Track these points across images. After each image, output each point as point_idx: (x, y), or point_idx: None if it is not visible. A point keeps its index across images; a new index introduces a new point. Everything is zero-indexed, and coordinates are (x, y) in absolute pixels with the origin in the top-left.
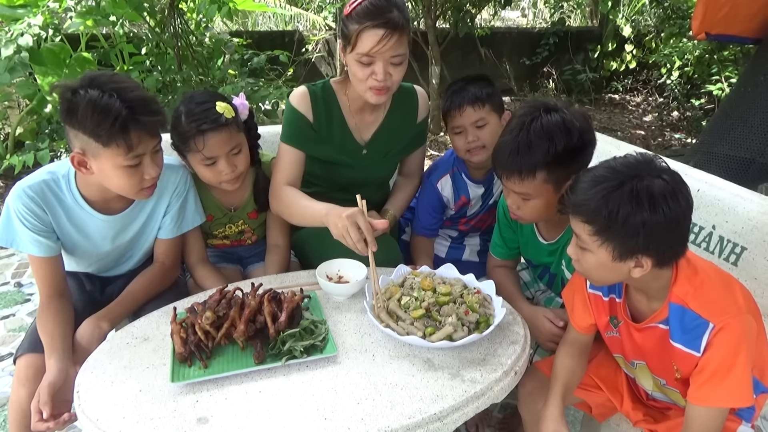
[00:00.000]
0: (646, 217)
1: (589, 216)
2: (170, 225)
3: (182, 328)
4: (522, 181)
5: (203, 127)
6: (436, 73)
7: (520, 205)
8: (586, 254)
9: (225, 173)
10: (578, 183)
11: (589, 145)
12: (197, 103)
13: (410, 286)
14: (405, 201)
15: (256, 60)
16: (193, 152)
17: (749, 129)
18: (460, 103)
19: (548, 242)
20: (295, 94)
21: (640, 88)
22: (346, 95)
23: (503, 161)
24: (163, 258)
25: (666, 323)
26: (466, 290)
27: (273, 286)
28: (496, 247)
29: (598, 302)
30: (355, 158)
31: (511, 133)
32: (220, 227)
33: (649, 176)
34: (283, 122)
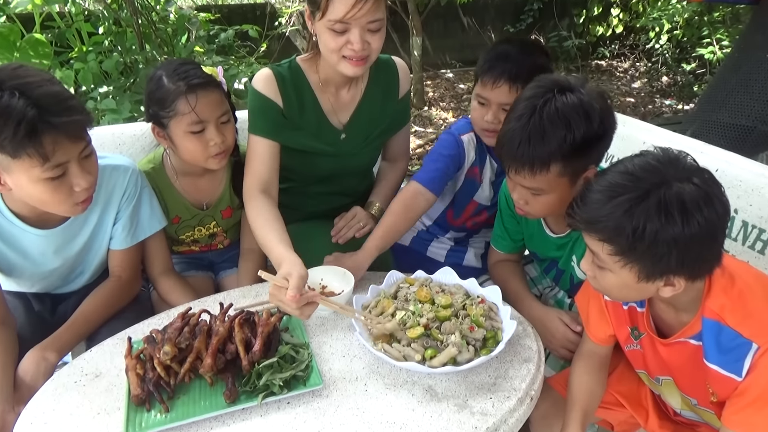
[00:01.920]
0: (678, 232)
1: (609, 235)
2: (123, 234)
3: (139, 362)
4: (533, 174)
5: (194, 82)
6: (417, 44)
7: (528, 200)
8: (604, 273)
9: (214, 143)
10: (590, 193)
11: (610, 130)
12: (180, 64)
13: (405, 297)
14: (391, 190)
15: (224, 36)
16: (179, 116)
17: (750, 95)
18: (499, 75)
19: (557, 235)
20: (259, 78)
21: (627, 54)
22: (317, 73)
23: (511, 152)
24: (119, 271)
25: (698, 339)
26: (468, 300)
27: (248, 301)
28: (499, 240)
29: (618, 311)
30: (333, 144)
31: (519, 119)
32: (187, 230)
33: (677, 181)
34: (249, 112)
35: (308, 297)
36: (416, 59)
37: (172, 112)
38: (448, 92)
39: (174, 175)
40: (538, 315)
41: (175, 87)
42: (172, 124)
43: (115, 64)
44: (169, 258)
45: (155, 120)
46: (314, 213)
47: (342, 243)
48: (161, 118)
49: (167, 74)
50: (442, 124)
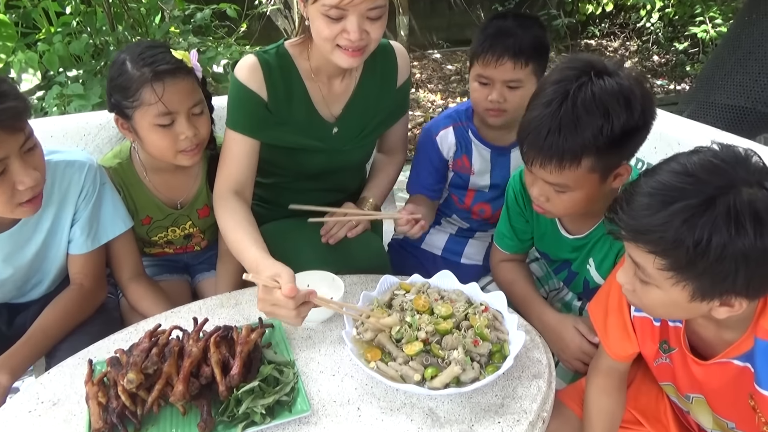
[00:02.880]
0: (749, 246)
1: (664, 247)
2: (82, 237)
3: (102, 388)
4: (561, 169)
5: (161, 68)
6: (404, 23)
7: (550, 196)
8: (648, 289)
9: (185, 136)
10: (638, 196)
11: (650, 121)
12: (147, 47)
13: (400, 306)
14: (387, 185)
15: (200, 16)
16: (144, 107)
17: (748, 75)
18: (502, 52)
19: (574, 237)
20: (243, 66)
21: (617, 33)
22: (307, 60)
23: (537, 143)
24: (81, 278)
25: (745, 360)
26: (471, 308)
27: (227, 312)
28: (504, 239)
29: (646, 327)
30: (324, 140)
31: (548, 106)
32: (160, 231)
33: (746, 186)
34: (229, 103)
35: (304, 295)
36: (402, 39)
37: (137, 102)
38: (435, 74)
39: (143, 171)
40: (552, 323)
41: (139, 74)
42: (136, 116)
43: (84, 46)
44: (139, 261)
45: (118, 110)
46: (301, 211)
47: (332, 243)
48: (125, 108)
49: (131, 59)
50: (431, 107)
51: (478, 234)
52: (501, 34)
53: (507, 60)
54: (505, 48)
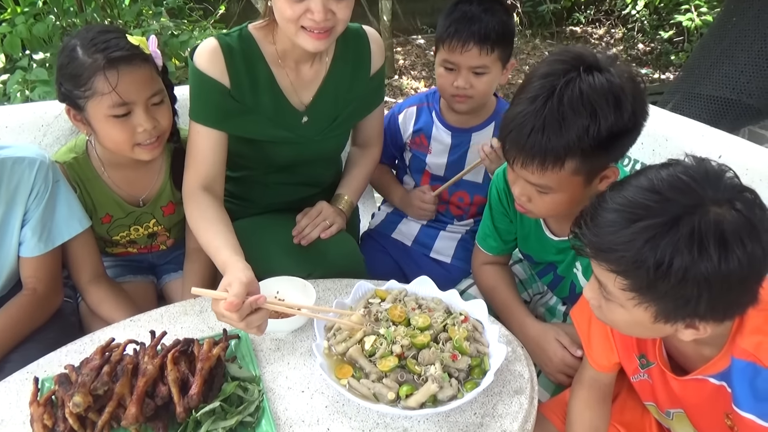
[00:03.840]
0: (712, 270)
1: (625, 267)
2: (33, 239)
3: (48, 408)
4: (543, 170)
5: (114, 55)
6: (387, 8)
7: (532, 197)
8: (612, 307)
9: (143, 129)
10: (603, 212)
11: (641, 123)
12: (99, 32)
13: (375, 316)
14: (362, 180)
15: None
16: (97, 97)
17: (735, 66)
18: (467, 38)
19: (559, 238)
20: (202, 51)
21: (602, 20)
22: (273, 44)
23: (519, 141)
24: (34, 283)
25: (721, 378)
26: (450, 318)
27: (190, 321)
28: (487, 239)
29: (625, 338)
30: (293, 129)
31: (533, 102)
32: (122, 230)
33: (715, 205)
34: (190, 93)
35: (249, 305)
36: (385, 24)
37: (89, 92)
38: (419, 60)
39: (101, 166)
40: (533, 334)
41: (91, 61)
42: (89, 106)
43: (49, 28)
44: (99, 262)
45: (69, 100)
46: (274, 206)
47: (305, 244)
48: (76, 98)
49: (83, 44)
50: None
51: (449, 227)
52: (466, 19)
53: (473, 46)
54: (471, 34)
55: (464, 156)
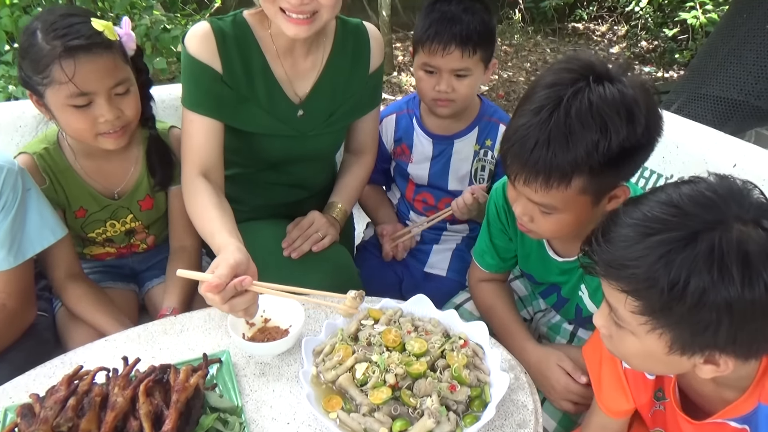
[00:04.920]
0: (735, 295)
1: (636, 286)
2: (2, 252)
3: None
4: (548, 188)
5: (73, 43)
6: (386, 3)
7: (535, 217)
8: (624, 335)
9: (105, 119)
10: (617, 227)
11: (655, 138)
12: (62, 16)
13: (368, 341)
14: (356, 188)
15: None
16: (55, 86)
17: (742, 66)
18: (449, 40)
19: (563, 259)
20: (193, 35)
21: (605, 16)
22: (268, 31)
23: (522, 156)
24: (3, 298)
25: (744, 422)
26: (448, 342)
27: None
28: (484, 256)
29: (639, 380)
30: (288, 122)
31: (537, 114)
32: (97, 226)
33: (739, 222)
34: (182, 78)
35: (235, 285)
36: (385, 20)
37: (47, 80)
38: None
39: (72, 155)
40: (534, 360)
41: (50, 47)
42: (48, 94)
43: None
44: (75, 260)
45: (29, 86)
46: (264, 208)
47: (295, 257)
48: (36, 84)
49: (43, 28)
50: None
51: (444, 236)
52: (447, 21)
53: (455, 48)
54: (452, 35)
55: (447, 165)
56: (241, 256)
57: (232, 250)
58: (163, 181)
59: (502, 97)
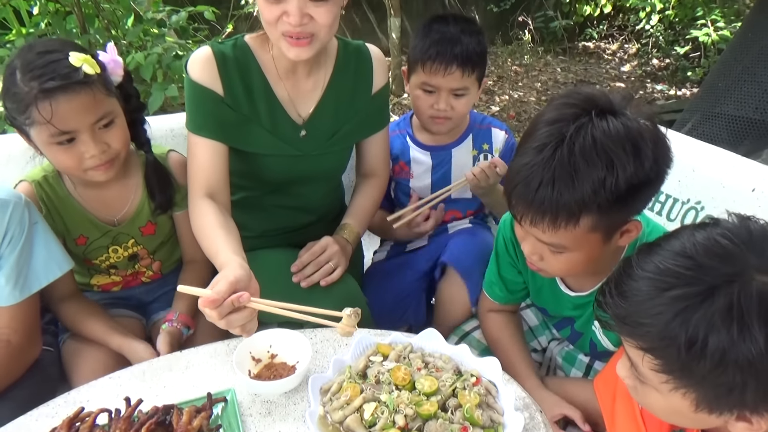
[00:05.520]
0: (757, 353)
1: (652, 344)
2: (8, 287)
3: None
4: (556, 228)
5: (48, 86)
6: (395, 25)
7: (545, 256)
8: (648, 390)
9: (90, 155)
10: (629, 279)
11: (664, 172)
12: (39, 53)
13: (376, 378)
14: (368, 210)
15: (175, 18)
16: (37, 126)
17: (757, 84)
18: (450, 61)
19: (576, 294)
20: (194, 59)
21: (615, 35)
22: (270, 53)
23: (527, 196)
24: (8, 334)
25: None
26: (460, 380)
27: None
28: (493, 287)
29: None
30: (290, 142)
31: (539, 152)
32: (100, 253)
33: (760, 273)
34: (185, 103)
35: (232, 301)
36: (394, 42)
37: (29, 120)
38: None
39: (72, 184)
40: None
41: (27, 89)
42: (33, 133)
43: None
44: (72, 281)
45: (14, 125)
46: (271, 233)
47: (305, 287)
48: (20, 124)
49: (21, 67)
50: None
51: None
52: (447, 41)
53: (456, 69)
54: (454, 56)
55: (448, 174)
56: (242, 272)
57: (234, 266)
58: (163, 204)
59: (513, 118)
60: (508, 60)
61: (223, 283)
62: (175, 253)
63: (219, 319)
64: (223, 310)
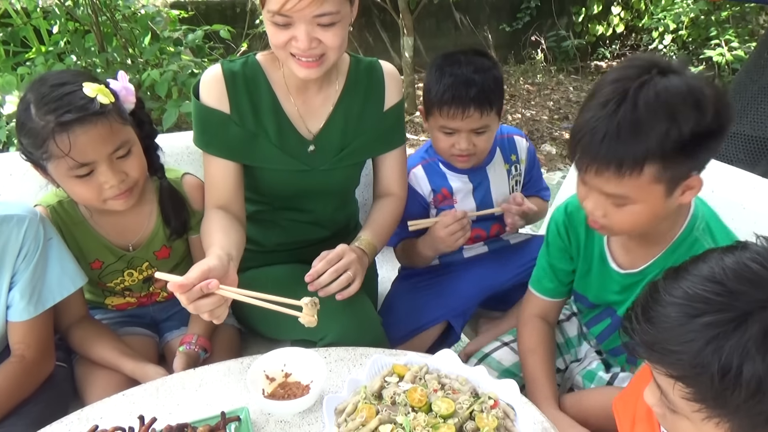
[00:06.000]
0: None
1: (683, 372)
2: (22, 302)
3: None
4: (620, 177)
5: (65, 118)
6: (408, 44)
7: (608, 211)
8: (678, 419)
9: (110, 185)
10: (657, 305)
11: (726, 125)
12: (52, 86)
13: (392, 399)
14: (387, 224)
15: (191, 37)
16: (55, 159)
17: None
18: (467, 104)
19: (626, 271)
20: (204, 80)
21: (628, 54)
22: (280, 70)
23: (592, 148)
24: (22, 349)
25: None
26: (477, 402)
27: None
28: (542, 281)
29: None
30: (298, 156)
31: (604, 106)
32: (115, 277)
33: None
34: (193, 121)
35: (201, 288)
36: (407, 60)
37: (46, 155)
38: None
39: (87, 211)
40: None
41: (43, 124)
42: (50, 167)
43: (70, 67)
44: (82, 306)
45: (31, 160)
46: (283, 247)
47: (322, 296)
48: (37, 159)
49: (36, 101)
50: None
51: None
52: (461, 84)
53: (473, 111)
54: (471, 99)
55: (489, 192)
56: (216, 262)
57: (212, 257)
58: (178, 230)
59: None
60: (521, 79)
61: (195, 270)
62: None
63: (188, 303)
64: (191, 295)
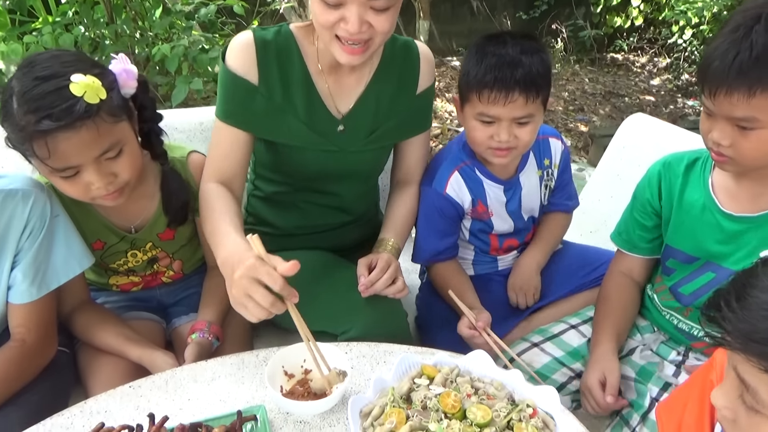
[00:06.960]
0: None
1: None
2: (25, 283)
3: None
4: (751, 96)
5: (43, 126)
6: (424, 28)
7: (735, 140)
8: (760, 421)
9: (96, 187)
10: (752, 288)
11: None
12: (36, 79)
13: (422, 404)
14: (406, 221)
15: (204, 11)
16: (36, 159)
17: None
18: (511, 87)
19: (738, 215)
20: (233, 46)
21: (645, 48)
22: (314, 45)
23: (723, 69)
24: (23, 333)
25: None
26: (515, 411)
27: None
28: (622, 234)
29: None
30: (327, 136)
31: (735, 31)
32: (118, 258)
33: None
34: (218, 89)
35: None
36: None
37: (28, 152)
38: (454, 82)
39: None
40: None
41: (24, 123)
42: (34, 162)
43: (78, 39)
44: (84, 290)
45: (15, 148)
46: (301, 230)
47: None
48: (21, 151)
49: (18, 94)
50: (448, 118)
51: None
52: (506, 65)
53: (518, 95)
54: (516, 82)
55: (519, 200)
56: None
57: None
58: (177, 219)
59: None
60: None
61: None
62: (197, 253)
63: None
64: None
